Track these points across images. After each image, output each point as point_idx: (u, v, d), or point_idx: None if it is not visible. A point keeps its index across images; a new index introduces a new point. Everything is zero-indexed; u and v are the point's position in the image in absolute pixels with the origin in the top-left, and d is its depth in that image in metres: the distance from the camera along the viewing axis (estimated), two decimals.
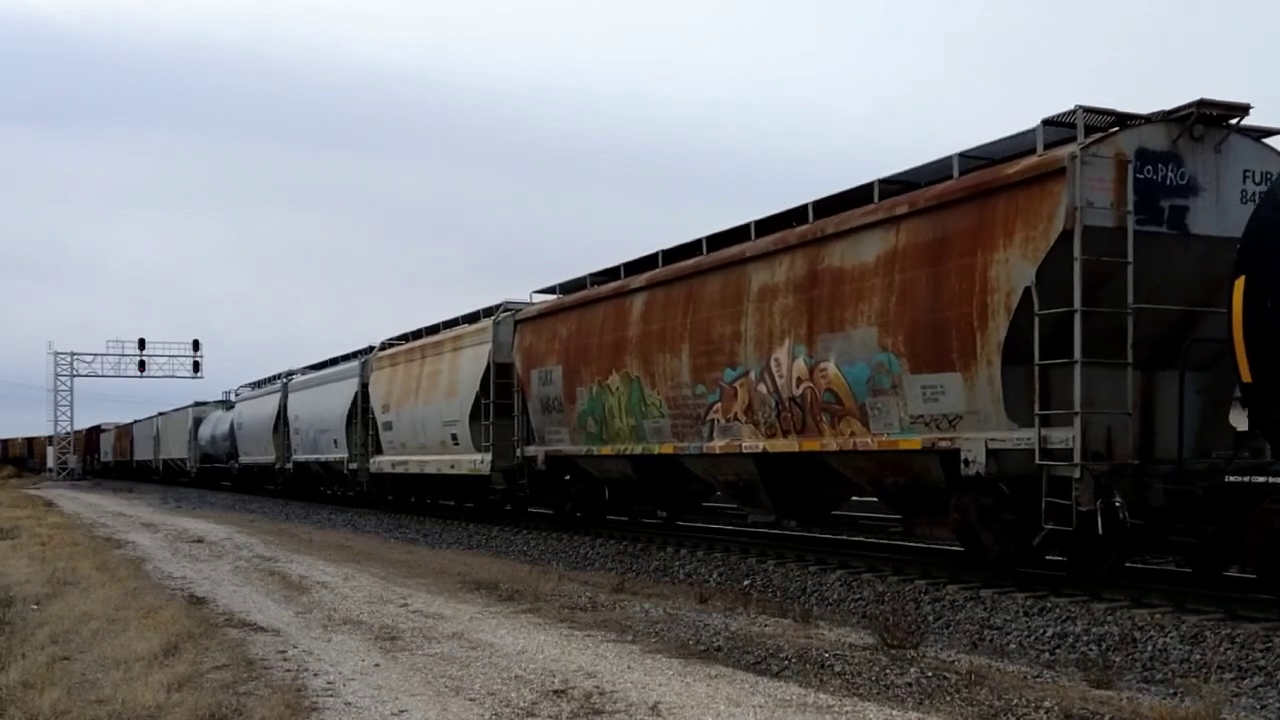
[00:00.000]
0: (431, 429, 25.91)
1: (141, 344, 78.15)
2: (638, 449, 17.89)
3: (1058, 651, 10.00)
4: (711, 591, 13.48)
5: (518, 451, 22.03)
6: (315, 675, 8.32)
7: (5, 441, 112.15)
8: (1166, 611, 10.36)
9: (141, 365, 78.31)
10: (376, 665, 8.71)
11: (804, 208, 14.77)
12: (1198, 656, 9.18)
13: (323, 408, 34.91)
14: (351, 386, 32.27)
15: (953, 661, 8.79)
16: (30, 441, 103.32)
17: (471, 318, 25.39)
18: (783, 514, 16.25)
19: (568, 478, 21.56)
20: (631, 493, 20.32)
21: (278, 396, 40.80)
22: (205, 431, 54.61)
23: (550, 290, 22.13)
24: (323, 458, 35.02)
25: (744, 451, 15.28)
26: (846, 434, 13.44)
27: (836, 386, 13.46)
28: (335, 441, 33.51)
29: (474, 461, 23.62)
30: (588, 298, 19.82)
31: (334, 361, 36.24)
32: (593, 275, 20.33)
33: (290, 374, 41.12)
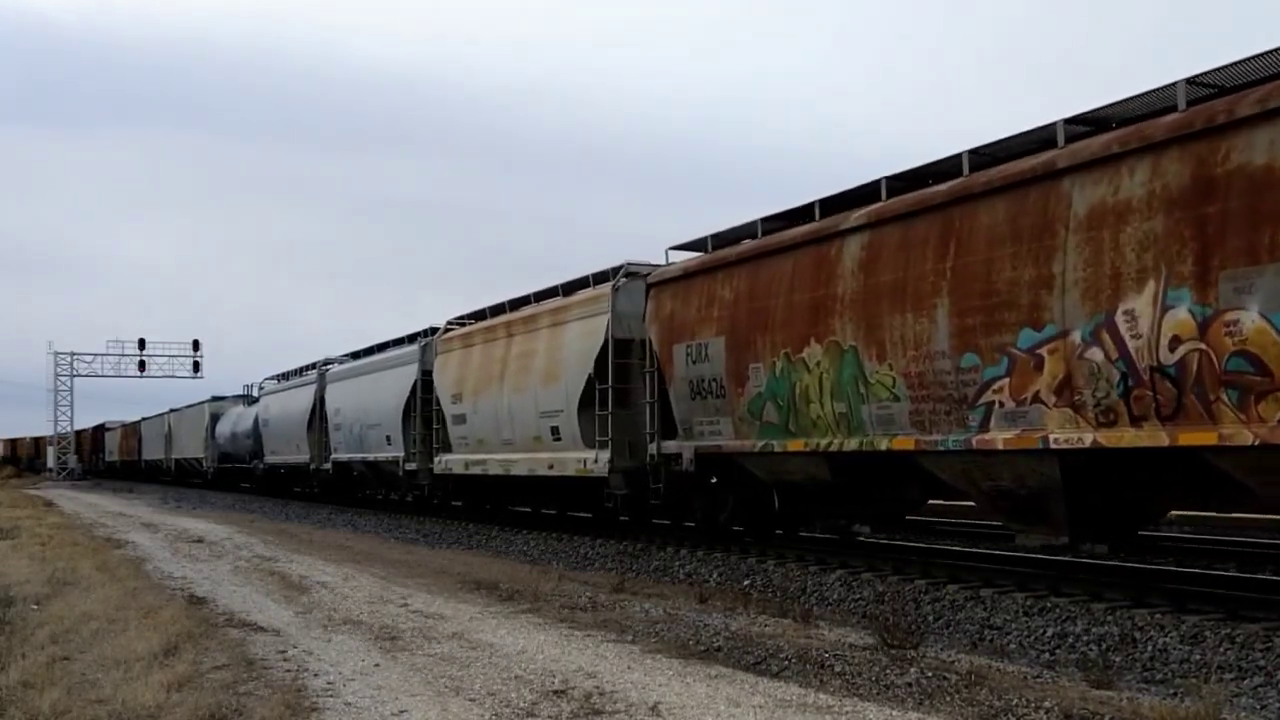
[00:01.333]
0: (522, 422, 21.50)
1: (141, 344, 78.26)
2: (850, 443, 13.48)
3: (1058, 651, 10.00)
4: (711, 591, 13.48)
5: (652, 448, 17.68)
6: (315, 675, 8.32)
7: (13, 441, 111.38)
8: (1166, 611, 10.36)
9: (141, 365, 78.38)
10: (376, 665, 8.71)
11: (1169, 88, 10.48)
12: (1198, 656, 9.18)
13: (372, 399, 30.37)
14: (409, 374, 27.75)
15: (953, 661, 8.79)
16: (38, 441, 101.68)
17: (577, 284, 21.21)
18: (1082, 536, 11.71)
19: (714, 480, 17.45)
20: (818, 500, 15.67)
21: (313, 388, 36.19)
22: (224, 429, 50.32)
23: (693, 246, 17.67)
24: (371, 457, 30.59)
25: (1051, 447, 10.95)
26: (1276, 420, 9.06)
27: (1259, 347, 9.12)
28: (388, 439, 29.09)
29: (583, 460, 19.34)
30: (763, 248, 15.30)
31: (382, 347, 31.74)
32: (766, 220, 15.86)
33: (328, 362, 36.29)
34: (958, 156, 12.56)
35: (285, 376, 42.45)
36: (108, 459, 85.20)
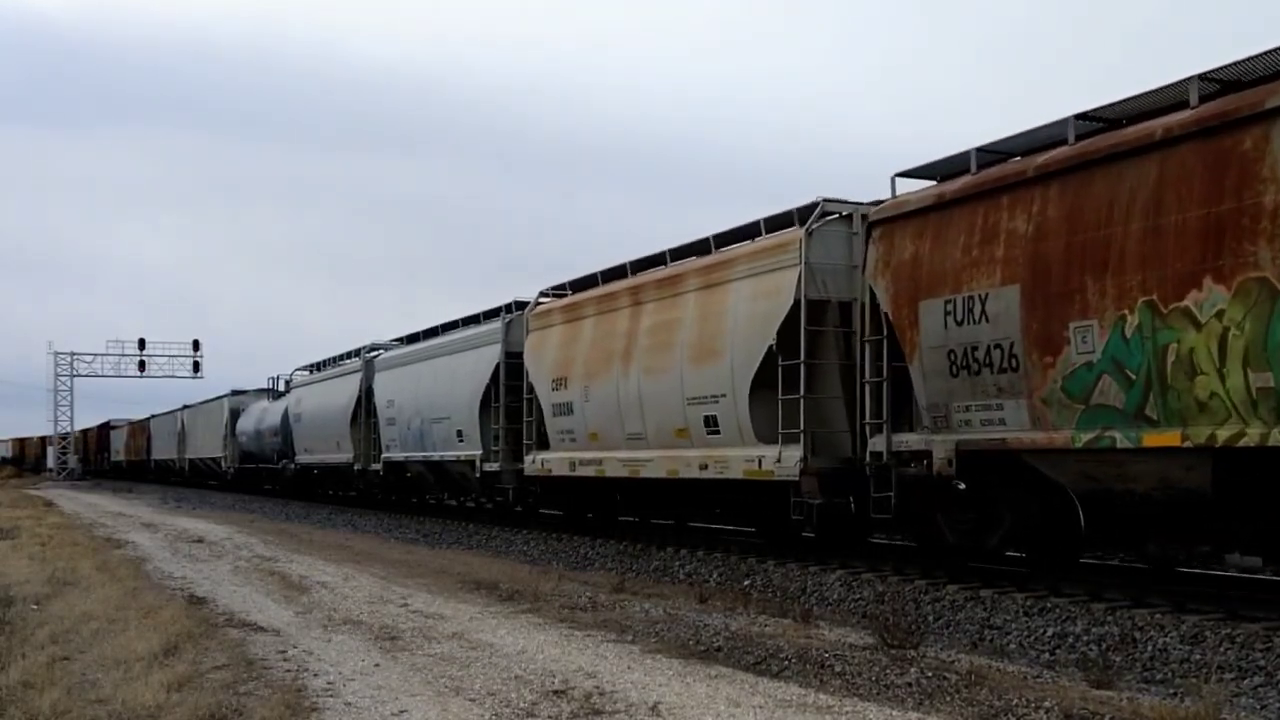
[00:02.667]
0: (660, 410, 16.99)
1: (141, 344, 78.24)
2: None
3: (1058, 651, 10.00)
4: (711, 591, 13.48)
5: (875, 442, 13.22)
6: (315, 675, 8.32)
7: (21, 441, 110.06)
8: (1166, 611, 10.35)
9: (141, 365, 78.35)
10: (377, 665, 8.71)
11: None
12: (1198, 656, 9.18)
13: (437, 389, 25.72)
14: (489, 357, 23.22)
15: (953, 661, 8.79)
16: (44, 441, 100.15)
17: (739, 233, 16.57)
18: None
19: (963, 487, 12.61)
20: (1170, 519, 10.93)
21: (357, 378, 31.68)
22: (246, 425, 45.48)
23: (937, 170, 13.05)
24: (438, 455, 25.75)
25: None
26: None
27: None
28: (459, 434, 24.34)
29: (757, 459, 14.85)
30: (1092, 153, 10.83)
31: (449, 327, 26.90)
32: (1084, 117, 11.28)
33: (374, 349, 31.67)
34: None
35: (319, 366, 37.45)
36: (114, 459, 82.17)
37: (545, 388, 20.67)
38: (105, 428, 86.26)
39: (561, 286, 21.98)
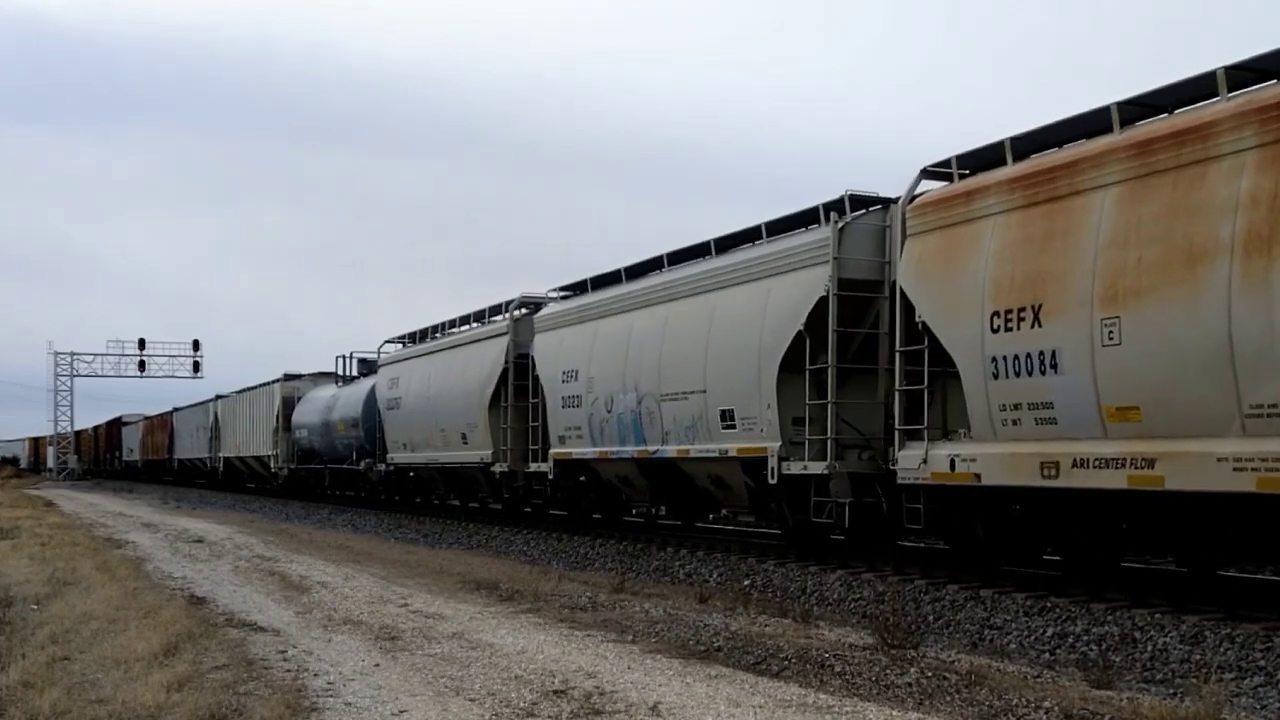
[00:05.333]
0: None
1: (141, 344, 78.26)
2: None
3: (1058, 651, 10.00)
4: (711, 591, 13.48)
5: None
6: (315, 675, 8.32)
7: (35, 440, 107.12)
8: (1166, 611, 10.35)
9: (141, 365, 78.36)
10: (377, 665, 8.71)
11: None
12: (1198, 656, 9.18)
13: (690, 345, 16.60)
14: (803, 287, 14.49)
15: (953, 661, 8.80)
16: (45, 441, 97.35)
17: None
18: None
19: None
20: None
21: (500, 345, 22.91)
22: (307, 416, 36.92)
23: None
24: (675, 451, 16.90)
25: None
26: None
27: None
28: (745, 421, 15.40)
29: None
30: None
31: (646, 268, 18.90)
32: None
33: (525, 303, 22.96)
34: None
35: (419, 337, 28.52)
36: (126, 458, 75.51)
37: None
38: (116, 424, 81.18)
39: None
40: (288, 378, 40.60)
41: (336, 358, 37.05)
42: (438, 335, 27.26)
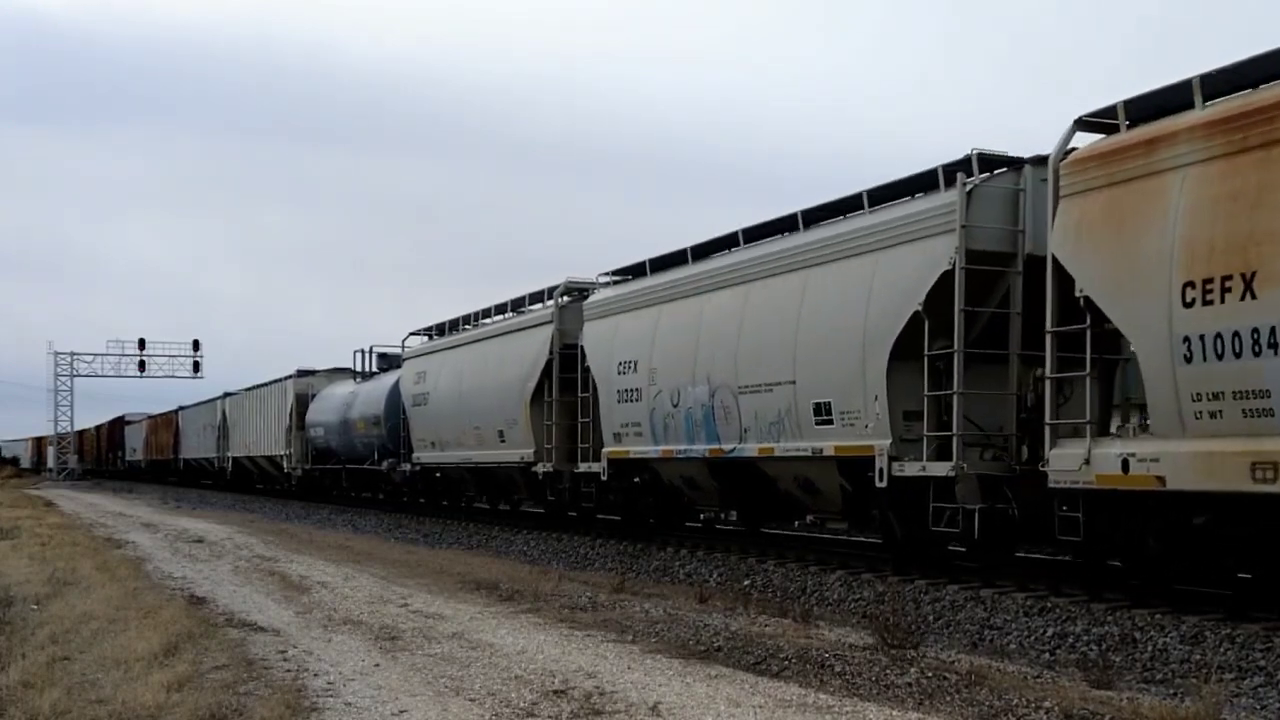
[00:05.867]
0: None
1: (141, 344, 78.17)
2: None
3: (1058, 651, 10.00)
4: (711, 591, 13.49)
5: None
6: (315, 675, 8.32)
7: (38, 440, 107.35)
8: (1166, 611, 10.35)
9: (141, 365, 78.26)
10: (377, 665, 8.71)
11: None
12: (1198, 656, 9.18)
13: (771, 327, 14.99)
14: (922, 261, 12.77)
15: (953, 661, 8.80)
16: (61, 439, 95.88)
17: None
18: None
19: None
20: None
21: (544, 334, 20.93)
22: (324, 414, 35.03)
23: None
24: (756, 450, 15.13)
25: None
26: None
27: None
28: (845, 416, 13.68)
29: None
30: None
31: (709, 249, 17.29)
32: None
33: (570, 289, 21.09)
34: None
35: (447, 329, 26.61)
36: (129, 458, 73.98)
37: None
38: (118, 423, 79.72)
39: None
40: (301, 374, 38.58)
41: (355, 352, 35.15)
42: (468, 326, 25.22)
